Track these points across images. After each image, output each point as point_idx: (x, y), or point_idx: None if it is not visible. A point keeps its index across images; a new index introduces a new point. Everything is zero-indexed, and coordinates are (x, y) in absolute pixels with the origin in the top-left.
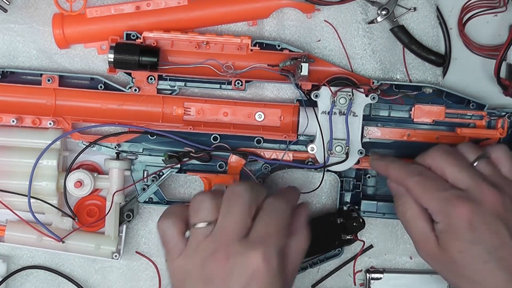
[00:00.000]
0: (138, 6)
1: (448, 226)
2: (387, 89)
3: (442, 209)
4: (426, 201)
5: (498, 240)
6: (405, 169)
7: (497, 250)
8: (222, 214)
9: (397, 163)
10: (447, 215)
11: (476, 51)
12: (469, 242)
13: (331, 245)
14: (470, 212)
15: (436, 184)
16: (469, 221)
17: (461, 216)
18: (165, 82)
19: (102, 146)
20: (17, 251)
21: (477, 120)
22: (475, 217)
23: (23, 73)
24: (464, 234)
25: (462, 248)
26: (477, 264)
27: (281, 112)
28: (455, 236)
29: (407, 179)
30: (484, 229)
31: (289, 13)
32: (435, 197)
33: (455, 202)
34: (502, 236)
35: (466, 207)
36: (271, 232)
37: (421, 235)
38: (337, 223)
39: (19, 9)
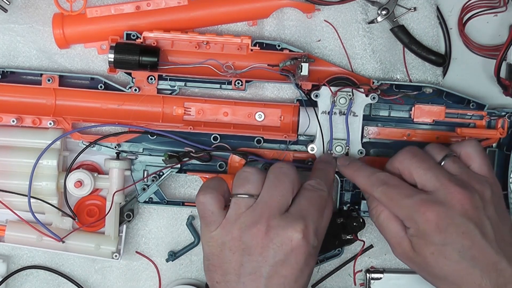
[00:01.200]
0: (138, 6)
1: (417, 231)
2: (387, 89)
3: (409, 216)
4: (393, 209)
5: (469, 240)
6: (370, 179)
7: (469, 249)
8: (267, 188)
9: (362, 172)
10: (414, 221)
11: (476, 51)
12: (439, 244)
13: (331, 245)
14: (437, 215)
15: (400, 191)
16: (436, 224)
17: (428, 221)
18: (165, 82)
19: (102, 146)
20: (17, 251)
21: (477, 120)
22: (442, 220)
23: (23, 73)
24: (433, 237)
25: (433, 250)
26: (450, 264)
27: (281, 112)
28: (425, 239)
29: (372, 189)
30: (453, 230)
31: (289, 13)
32: (401, 205)
33: (420, 207)
34: (472, 235)
35: (432, 211)
36: (311, 211)
37: (394, 238)
38: (337, 223)
39: (19, 9)
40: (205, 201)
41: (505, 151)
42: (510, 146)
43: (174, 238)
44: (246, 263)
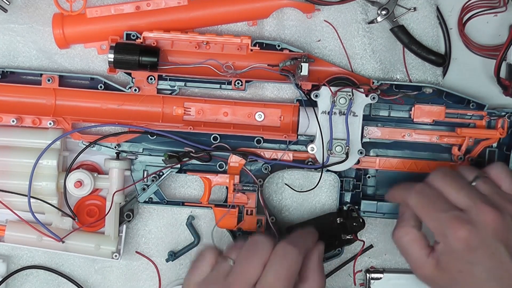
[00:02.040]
0: (138, 6)
1: (447, 247)
2: (387, 89)
3: (441, 231)
4: (425, 219)
5: (497, 261)
6: (407, 187)
7: (496, 269)
8: (240, 259)
9: (401, 185)
10: (445, 237)
11: (476, 51)
12: (468, 263)
13: (331, 245)
14: (468, 234)
15: (436, 203)
16: (467, 243)
17: (459, 239)
18: (165, 82)
19: (102, 146)
20: (17, 251)
21: (477, 120)
22: (472, 239)
23: (23, 73)
24: (463, 255)
25: (462, 269)
26: (477, 283)
27: (281, 112)
28: (454, 257)
29: (408, 197)
30: (483, 250)
31: (289, 13)
32: (434, 217)
33: (453, 224)
34: (500, 256)
35: (463, 229)
36: (278, 282)
37: (417, 260)
38: (337, 223)
39: (19, 9)
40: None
41: (505, 151)
42: (510, 146)
43: (174, 238)
44: None
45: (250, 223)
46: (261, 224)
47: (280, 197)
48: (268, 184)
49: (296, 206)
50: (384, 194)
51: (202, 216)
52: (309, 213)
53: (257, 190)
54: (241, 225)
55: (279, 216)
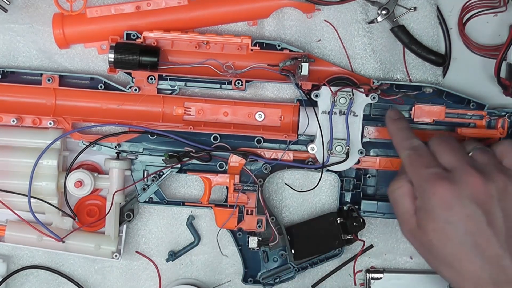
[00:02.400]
0: (138, 6)
1: (424, 203)
2: (387, 89)
3: (421, 186)
4: (410, 174)
5: (473, 225)
6: (404, 141)
7: (472, 235)
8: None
9: (402, 133)
10: (424, 192)
11: (476, 51)
12: (443, 221)
13: (331, 245)
14: (445, 191)
15: (424, 160)
16: (442, 199)
17: (435, 194)
18: (165, 82)
19: (102, 146)
20: (17, 251)
21: (477, 120)
22: (449, 197)
23: (23, 73)
24: (438, 212)
25: (435, 227)
26: (450, 245)
27: (281, 112)
28: (430, 214)
29: (401, 151)
30: (458, 211)
31: (289, 13)
32: (418, 172)
33: (434, 180)
34: (478, 221)
35: (442, 185)
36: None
37: (404, 214)
38: (337, 223)
39: (19, 9)
40: None
41: None
42: None
43: (174, 238)
44: None
45: (250, 223)
46: (261, 224)
47: (280, 197)
48: (268, 184)
49: (296, 206)
50: (384, 194)
51: (202, 216)
52: (309, 213)
53: (257, 190)
54: (241, 225)
55: (279, 216)
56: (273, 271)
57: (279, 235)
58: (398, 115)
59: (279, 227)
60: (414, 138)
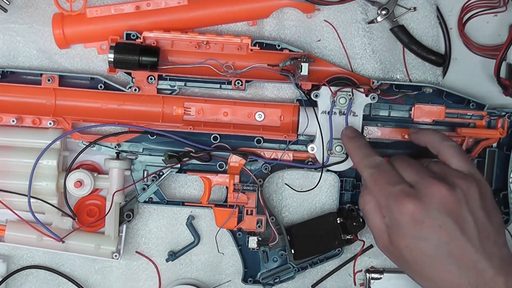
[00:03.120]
0: (138, 6)
1: (392, 221)
2: (387, 89)
3: (387, 204)
4: (375, 193)
5: (446, 235)
6: (364, 159)
7: (446, 244)
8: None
9: (361, 150)
10: (391, 210)
11: (476, 51)
12: (414, 237)
13: (331, 245)
14: (413, 207)
15: (387, 178)
16: (412, 216)
17: (403, 212)
18: (165, 82)
19: (102, 146)
20: (17, 251)
21: (477, 120)
22: (419, 213)
23: (23, 73)
24: (408, 229)
25: (408, 244)
26: (425, 259)
27: (281, 112)
28: (400, 231)
29: (363, 169)
30: (429, 224)
31: (289, 13)
32: (383, 191)
33: (400, 198)
34: (449, 230)
35: (409, 202)
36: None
37: (377, 230)
38: (337, 223)
39: (19, 9)
40: None
41: (505, 151)
42: (510, 146)
43: (174, 238)
44: None
45: (250, 223)
46: (261, 224)
47: (280, 197)
48: (268, 184)
49: (296, 206)
50: None
51: (202, 216)
52: (309, 213)
53: (257, 190)
54: (241, 225)
55: (279, 216)
56: (273, 271)
57: (279, 235)
58: (355, 133)
59: (279, 227)
60: (375, 155)
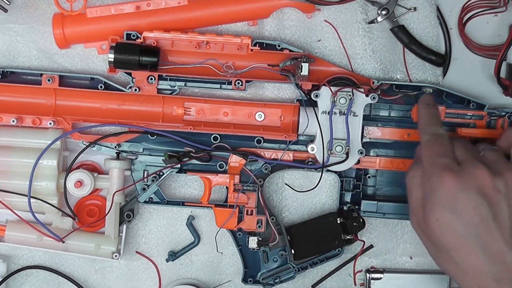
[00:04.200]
0: (138, 6)
1: (430, 191)
2: (387, 89)
3: (430, 173)
4: (424, 158)
5: (479, 218)
6: (429, 126)
7: (476, 227)
8: None
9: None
10: (431, 179)
11: (476, 51)
12: (447, 210)
13: (331, 245)
14: (453, 182)
15: (439, 149)
16: (449, 190)
17: (442, 184)
18: (165, 82)
19: (102, 146)
20: (17, 251)
21: (477, 120)
22: (456, 188)
23: (23, 73)
24: (443, 201)
25: (439, 217)
26: (454, 236)
27: (281, 112)
28: (434, 202)
29: (423, 134)
30: (463, 201)
31: (289, 13)
32: (431, 159)
33: (442, 169)
34: (483, 214)
35: (450, 176)
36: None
37: (414, 203)
38: (337, 223)
39: (19, 9)
40: None
41: None
42: None
43: (174, 238)
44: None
45: (250, 223)
46: (261, 224)
47: (280, 197)
48: (268, 184)
49: (296, 206)
50: (384, 194)
51: (202, 216)
52: (309, 213)
53: (257, 190)
54: (241, 225)
55: (279, 216)
56: (273, 271)
57: (279, 235)
58: (432, 102)
59: (279, 227)
60: (440, 126)
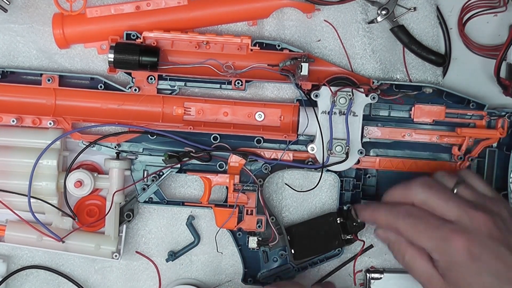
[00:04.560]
0: (138, 6)
1: (449, 262)
2: (387, 89)
3: (439, 247)
4: (421, 241)
5: (502, 263)
6: (392, 213)
7: (505, 273)
8: None
9: (382, 209)
10: (445, 252)
11: (476, 51)
12: (475, 273)
13: (331, 245)
14: (467, 243)
15: (427, 222)
16: (468, 252)
17: (459, 250)
18: (165, 82)
19: (102, 146)
20: (17, 251)
21: (477, 120)
22: (473, 247)
23: (23, 73)
24: (467, 266)
25: (470, 281)
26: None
27: (281, 112)
28: (459, 271)
29: (397, 222)
30: (486, 256)
31: (289, 13)
32: (429, 236)
33: (450, 237)
34: (505, 257)
35: (462, 239)
36: None
37: (424, 275)
38: (337, 223)
39: (19, 9)
40: None
41: (505, 151)
42: (510, 146)
43: (174, 238)
44: None
45: (250, 223)
46: (261, 224)
47: (280, 197)
48: (268, 184)
49: (296, 206)
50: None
51: (202, 216)
52: (309, 213)
53: (257, 190)
54: (241, 225)
55: (279, 216)
56: (273, 271)
57: (279, 235)
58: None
59: (279, 227)
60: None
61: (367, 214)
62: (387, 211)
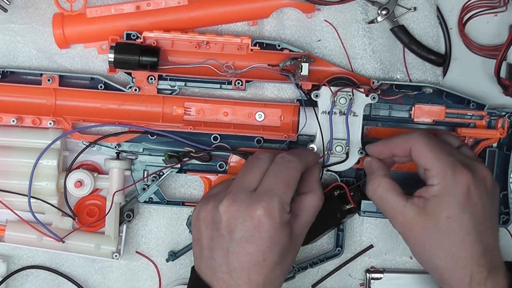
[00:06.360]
0: (138, 6)
1: (445, 189)
2: (387, 89)
3: (445, 172)
4: (430, 160)
5: (483, 215)
6: (408, 135)
7: (481, 224)
8: (241, 171)
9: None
10: (448, 179)
11: (476, 51)
12: (460, 209)
13: (333, 220)
14: (471, 180)
15: (444, 146)
16: (468, 188)
17: (462, 182)
18: (165, 82)
19: (102, 146)
20: (17, 251)
21: (477, 120)
22: (473, 186)
23: (23, 73)
24: (459, 200)
25: (451, 214)
26: (460, 234)
27: (281, 112)
28: (449, 200)
29: (413, 137)
30: (477, 200)
31: (289, 13)
32: (441, 158)
33: (458, 168)
34: (488, 211)
35: (468, 175)
36: (277, 185)
37: (396, 207)
38: (334, 196)
39: (19, 9)
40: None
41: (505, 151)
42: (510, 146)
43: (174, 238)
44: (216, 238)
45: None
46: None
47: None
48: None
49: None
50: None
51: None
52: None
53: None
54: None
55: None
56: None
57: None
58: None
59: None
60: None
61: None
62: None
